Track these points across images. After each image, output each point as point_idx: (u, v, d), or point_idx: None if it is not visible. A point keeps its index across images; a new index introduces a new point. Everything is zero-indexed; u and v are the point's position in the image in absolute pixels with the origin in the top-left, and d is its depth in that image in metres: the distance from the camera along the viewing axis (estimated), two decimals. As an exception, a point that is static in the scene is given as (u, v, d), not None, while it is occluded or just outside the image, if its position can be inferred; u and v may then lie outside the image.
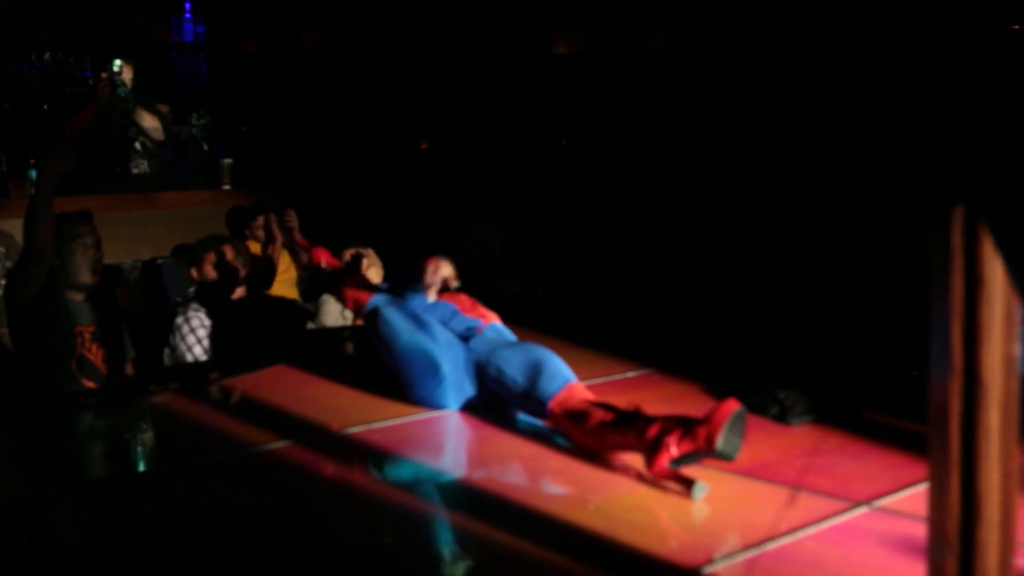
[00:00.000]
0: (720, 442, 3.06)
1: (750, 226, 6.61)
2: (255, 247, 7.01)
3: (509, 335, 4.18)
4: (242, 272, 6.14)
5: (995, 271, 1.64)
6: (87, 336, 5.07)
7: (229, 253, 5.91)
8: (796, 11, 6.64)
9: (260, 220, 7.08)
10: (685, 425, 3.16)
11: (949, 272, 1.68)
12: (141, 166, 7.54)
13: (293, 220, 6.55)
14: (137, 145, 7.50)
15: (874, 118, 5.85)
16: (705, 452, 3.11)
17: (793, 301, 6.00)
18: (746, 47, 7.09)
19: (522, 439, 3.74)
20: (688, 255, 6.98)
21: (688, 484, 3.09)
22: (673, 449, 3.13)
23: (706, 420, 3.12)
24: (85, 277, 5.10)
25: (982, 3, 1.63)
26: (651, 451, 3.19)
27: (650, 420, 3.26)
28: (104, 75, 7.35)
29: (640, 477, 3.24)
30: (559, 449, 3.55)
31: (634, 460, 3.31)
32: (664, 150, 7.76)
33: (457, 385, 4.00)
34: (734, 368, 4.78)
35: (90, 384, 5.02)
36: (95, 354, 5.08)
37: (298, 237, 6.48)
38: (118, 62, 7.32)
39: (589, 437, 3.45)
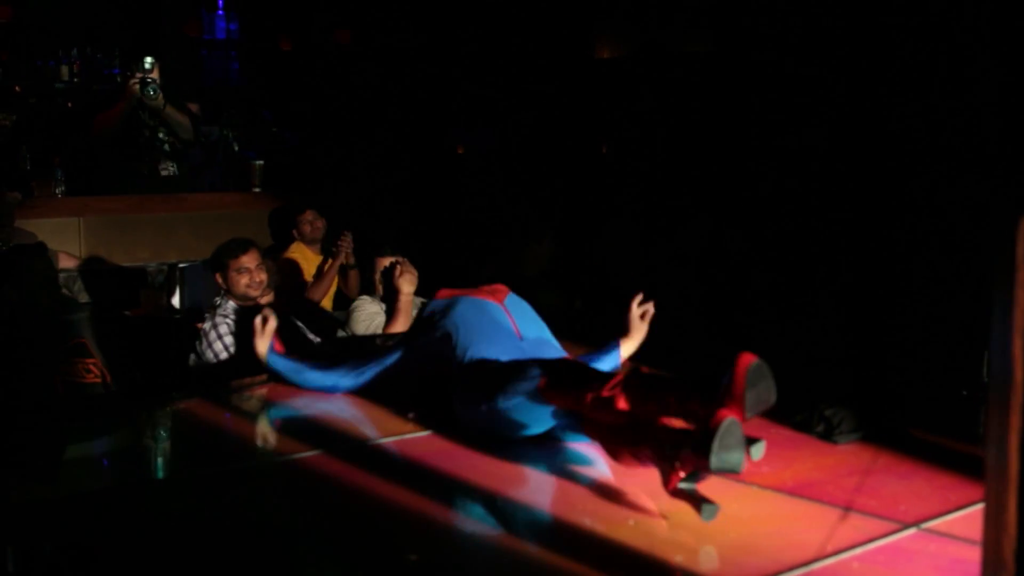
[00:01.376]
0: (713, 461, 3.01)
1: (796, 238, 6.59)
2: (303, 250, 7.07)
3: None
4: (269, 278, 6.15)
5: (1059, 283, 1.64)
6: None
7: (256, 258, 5.92)
8: (840, 19, 6.63)
9: (308, 215, 7.13)
10: (686, 444, 3.13)
11: (1012, 286, 1.68)
12: (170, 168, 7.57)
13: (347, 243, 6.51)
14: (166, 146, 7.53)
15: (923, 121, 5.83)
16: (705, 470, 3.08)
17: (841, 316, 5.98)
18: (787, 54, 7.08)
19: (555, 454, 3.74)
20: (730, 265, 6.97)
21: (699, 505, 3.07)
22: (680, 471, 3.12)
23: (697, 440, 3.09)
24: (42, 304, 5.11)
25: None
26: (664, 471, 3.18)
27: (661, 439, 3.23)
28: (137, 74, 7.37)
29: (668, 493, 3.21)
30: (594, 465, 3.55)
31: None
32: (706, 156, 7.75)
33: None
34: (778, 383, 4.77)
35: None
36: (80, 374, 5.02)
37: (350, 260, 6.46)
38: (149, 59, 7.34)
39: (617, 449, 3.43)
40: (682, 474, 3.11)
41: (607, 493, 3.37)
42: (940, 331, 5.25)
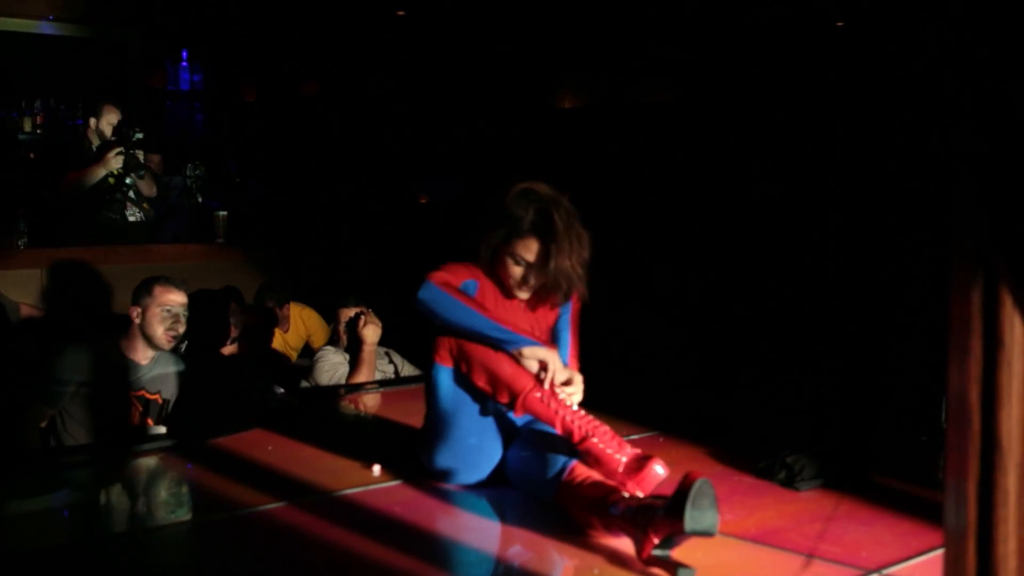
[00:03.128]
0: (687, 523, 2.97)
1: (757, 285, 6.63)
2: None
3: None
4: (235, 328, 6.15)
5: (1015, 332, 1.66)
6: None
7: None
8: (807, 67, 6.70)
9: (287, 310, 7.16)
10: (658, 509, 3.13)
11: (968, 333, 1.70)
12: (137, 214, 7.53)
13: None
14: (131, 193, 7.49)
15: (885, 174, 5.89)
16: (680, 533, 3.04)
17: (802, 363, 6.01)
18: (754, 103, 7.15)
19: (521, 509, 3.75)
20: (694, 314, 7.00)
21: (675, 571, 3.04)
22: (654, 537, 3.11)
23: (670, 503, 3.07)
24: (158, 338, 5.14)
25: (1010, 64, 1.66)
26: (637, 539, 3.16)
27: (632, 507, 3.22)
28: (114, 142, 7.30)
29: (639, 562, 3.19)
30: (559, 514, 3.55)
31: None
32: (670, 206, 7.80)
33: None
34: (741, 431, 4.80)
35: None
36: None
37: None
38: (140, 135, 7.32)
39: (588, 518, 3.43)
40: (656, 540, 3.09)
41: (572, 542, 3.37)
42: (900, 377, 5.29)
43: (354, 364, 5.88)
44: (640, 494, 3.36)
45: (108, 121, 7.41)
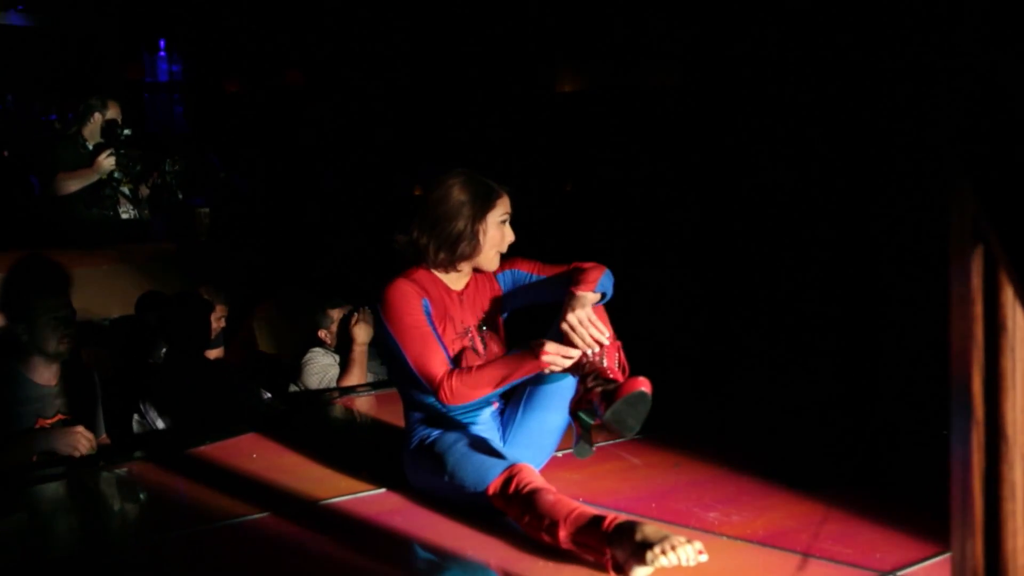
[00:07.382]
0: (608, 412, 3.28)
1: (756, 281, 6.61)
2: None
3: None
4: (216, 329, 6.12)
5: (1017, 317, 1.65)
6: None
7: (208, 310, 5.91)
8: (811, 52, 6.68)
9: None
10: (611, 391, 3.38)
11: (969, 319, 1.70)
12: (130, 211, 7.52)
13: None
14: (125, 189, 7.47)
15: (890, 164, 5.88)
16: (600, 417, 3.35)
17: (810, 360, 5.99)
18: (757, 88, 7.13)
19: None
20: (692, 312, 6.98)
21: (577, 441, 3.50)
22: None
23: (615, 388, 3.36)
24: (54, 348, 4.96)
25: (1002, 40, 1.65)
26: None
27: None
28: (103, 144, 7.30)
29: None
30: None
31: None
32: (666, 197, 7.79)
33: None
34: (744, 431, 4.79)
35: None
36: None
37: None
38: (127, 131, 7.32)
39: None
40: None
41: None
42: (915, 373, 5.28)
43: (344, 365, 5.87)
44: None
45: (112, 116, 7.41)
